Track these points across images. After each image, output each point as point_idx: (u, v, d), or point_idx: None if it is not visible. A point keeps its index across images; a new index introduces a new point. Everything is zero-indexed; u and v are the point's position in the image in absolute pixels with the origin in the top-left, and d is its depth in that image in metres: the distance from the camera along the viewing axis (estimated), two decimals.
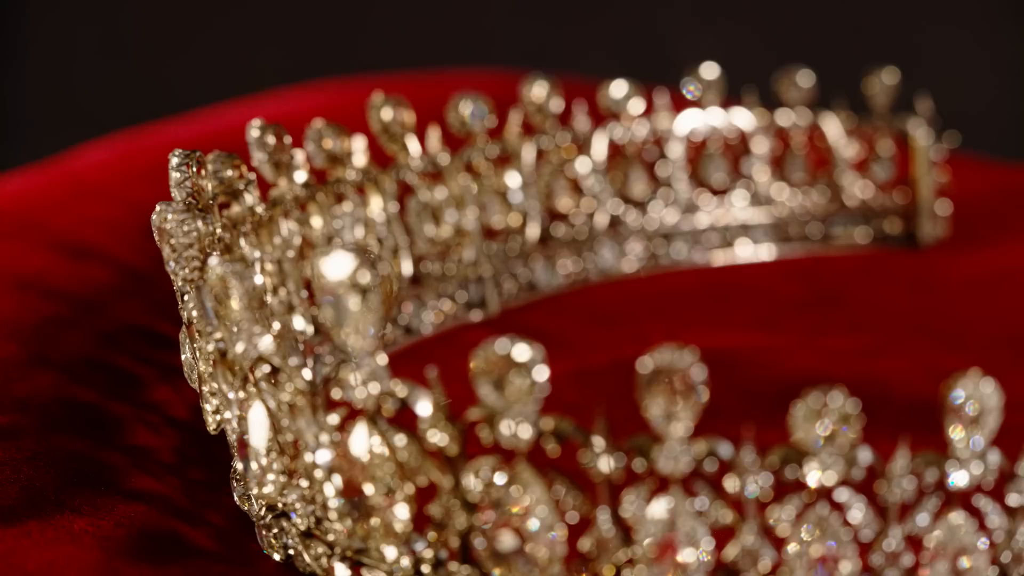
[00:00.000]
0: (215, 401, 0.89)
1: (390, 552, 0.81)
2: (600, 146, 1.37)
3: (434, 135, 1.27)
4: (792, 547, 0.76)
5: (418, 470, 0.79)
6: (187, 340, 0.94)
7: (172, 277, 0.88)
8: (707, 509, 0.76)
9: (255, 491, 0.86)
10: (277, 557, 0.87)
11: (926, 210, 1.44)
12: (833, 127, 1.44)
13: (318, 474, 0.81)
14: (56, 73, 2.59)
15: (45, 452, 0.95)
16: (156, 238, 0.88)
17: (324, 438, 0.80)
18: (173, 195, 0.98)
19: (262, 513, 0.87)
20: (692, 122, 1.42)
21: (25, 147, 2.18)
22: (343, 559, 0.83)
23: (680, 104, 1.42)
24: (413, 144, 1.25)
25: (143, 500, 0.92)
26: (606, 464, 0.76)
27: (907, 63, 1.69)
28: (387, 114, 1.25)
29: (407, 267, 1.23)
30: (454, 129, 1.30)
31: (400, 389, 0.78)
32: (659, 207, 1.41)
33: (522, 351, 0.74)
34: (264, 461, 0.85)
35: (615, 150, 1.39)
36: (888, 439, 0.79)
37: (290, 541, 0.86)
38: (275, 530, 0.87)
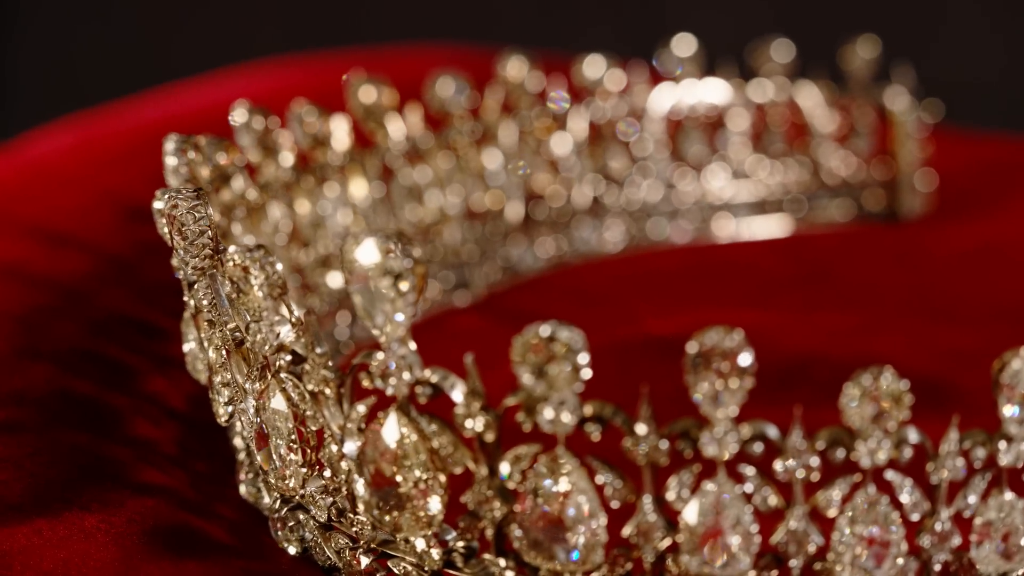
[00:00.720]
0: (227, 392, 0.87)
1: (419, 543, 0.79)
2: (577, 124, 1.36)
3: (415, 116, 1.25)
4: (840, 530, 0.75)
5: (451, 459, 0.77)
6: (192, 330, 0.92)
7: (179, 266, 0.85)
8: (753, 493, 0.75)
9: (275, 483, 0.84)
10: (293, 550, 0.85)
11: (907, 184, 1.44)
12: (812, 99, 1.43)
13: (344, 465, 0.79)
14: (46, 46, 2.56)
15: (47, 447, 0.93)
16: (164, 226, 0.85)
17: (351, 428, 0.79)
18: (169, 181, 0.96)
19: (276, 506, 0.85)
20: (671, 98, 1.41)
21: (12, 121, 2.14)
22: (368, 551, 0.81)
23: (660, 79, 1.41)
24: (394, 125, 1.23)
25: (152, 494, 0.90)
26: (650, 449, 0.74)
27: (919, 41, 1.68)
28: (368, 95, 1.23)
29: None
30: (433, 108, 1.28)
31: (433, 376, 0.76)
32: (639, 185, 1.39)
33: (564, 336, 0.73)
34: (284, 452, 0.83)
35: (593, 128, 1.38)
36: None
37: (307, 534, 0.84)
38: (291, 523, 0.85)
